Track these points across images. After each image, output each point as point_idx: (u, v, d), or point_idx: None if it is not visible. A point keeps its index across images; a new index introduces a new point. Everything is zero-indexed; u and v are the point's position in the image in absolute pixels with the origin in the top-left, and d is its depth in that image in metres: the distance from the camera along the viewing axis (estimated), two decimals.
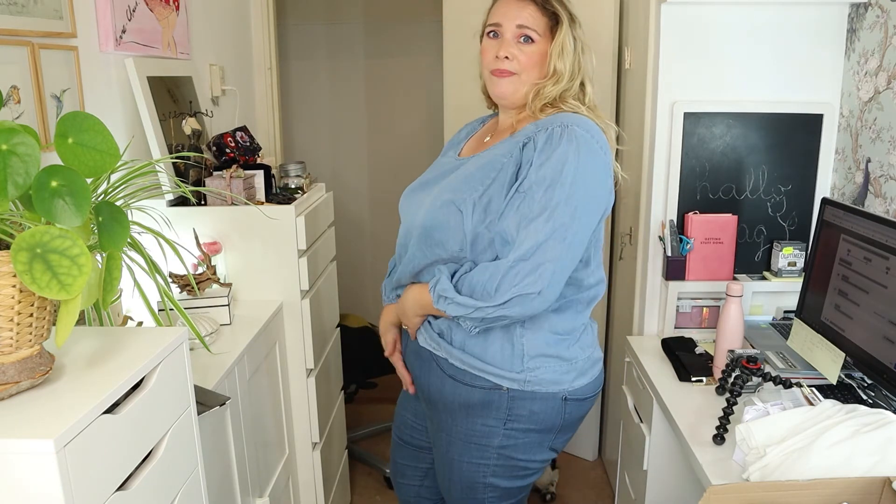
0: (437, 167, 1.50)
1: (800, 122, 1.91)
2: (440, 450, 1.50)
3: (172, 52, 2.07)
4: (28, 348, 0.92)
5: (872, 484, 1.11)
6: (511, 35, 1.32)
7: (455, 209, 1.30)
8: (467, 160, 1.41)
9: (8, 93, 1.37)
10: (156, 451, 1.04)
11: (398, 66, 3.70)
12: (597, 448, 2.86)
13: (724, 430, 1.41)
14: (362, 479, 2.74)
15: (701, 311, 1.98)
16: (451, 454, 1.46)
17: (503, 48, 1.32)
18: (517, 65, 1.32)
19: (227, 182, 1.84)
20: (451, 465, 1.47)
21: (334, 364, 2.35)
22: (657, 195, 1.97)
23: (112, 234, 0.94)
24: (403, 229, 1.47)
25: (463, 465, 1.45)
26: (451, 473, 1.48)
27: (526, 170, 1.27)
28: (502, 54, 1.32)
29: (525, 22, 1.31)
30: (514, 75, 1.33)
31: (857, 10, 1.84)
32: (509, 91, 1.35)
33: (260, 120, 2.91)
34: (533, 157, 1.26)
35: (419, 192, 1.45)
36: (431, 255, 1.35)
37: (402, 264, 1.45)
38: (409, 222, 1.43)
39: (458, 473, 1.46)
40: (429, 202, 1.37)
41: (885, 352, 1.43)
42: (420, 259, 1.38)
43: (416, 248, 1.38)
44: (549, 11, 1.32)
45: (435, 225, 1.33)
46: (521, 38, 1.32)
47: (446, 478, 1.50)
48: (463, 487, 1.47)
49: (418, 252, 1.38)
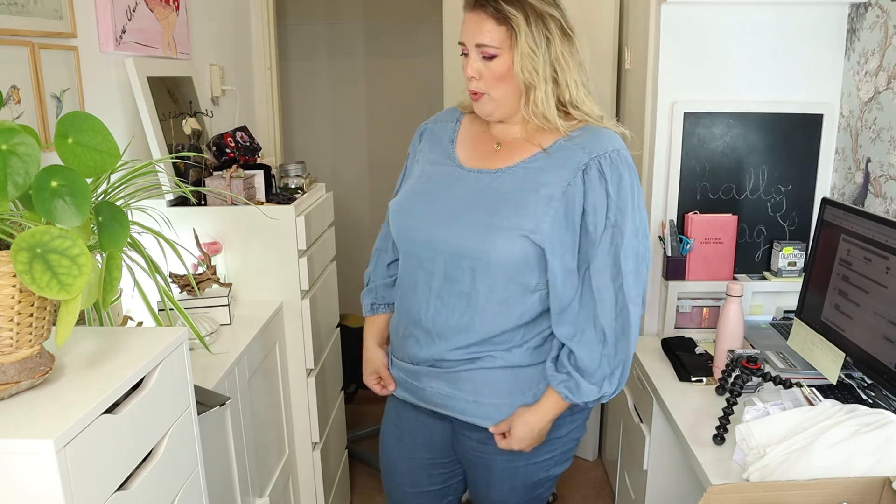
0: (440, 177, 1.37)
1: (800, 122, 1.91)
2: (495, 469, 1.42)
3: (172, 52, 2.07)
4: (28, 348, 0.92)
5: (872, 484, 1.11)
6: (474, 53, 1.26)
7: (530, 242, 1.25)
8: (493, 174, 1.32)
9: (8, 93, 1.37)
10: (156, 451, 1.04)
11: (398, 66, 3.70)
12: (597, 448, 2.86)
13: (724, 430, 1.41)
14: (362, 479, 2.74)
15: (701, 311, 1.98)
16: (515, 463, 1.40)
17: (470, 67, 1.27)
18: (484, 84, 1.27)
19: (227, 182, 1.84)
20: (514, 473, 1.41)
21: (334, 364, 2.35)
22: (657, 195, 1.97)
23: (112, 234, 0.93)
24: (424, 251, 1.33)
25: (529, 467, 1.40)
26: (513, 481, 1.42)
27: (595, 200, 1.24)
28: (469, 74, 1.28)
29: (482, 40, 1.24)
30: (485, 94, 1.29)
31: (857, 10, 1.84)
32: (488, 110, 1.31)
33: (260, 120, 2.91)
34: (598, 186, 1.24)
35: (441, 212, 1.32)
36: (502, 290, 1.28)
37: (448, 296, 1.31)
38: (439, 246, 1.31)
39: (521, 478, 1.42)
40: (482, 231, 1.26)
41: (885, 352, 1.43)
42: (484, 293, 1.28)
43: (478, 282, 1.28)
44: (505, 19, 1.22)
45: (511, 262, 1.26)
46: (483, 56, 1.26)
47: (506, 488, 1.43)
48: (526, 488, 1.43)
49: (483, 286, 1.28)
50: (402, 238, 1.38)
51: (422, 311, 1.35)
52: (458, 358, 1.34)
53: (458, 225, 1.29)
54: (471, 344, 1.33)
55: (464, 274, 1.29)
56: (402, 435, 1.51)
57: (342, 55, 3.71)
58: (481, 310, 1.30)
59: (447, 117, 1.45)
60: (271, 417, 1.85)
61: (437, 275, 1.32)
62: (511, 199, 1.27)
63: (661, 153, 1.94)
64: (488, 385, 1.34)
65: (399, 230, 1.38)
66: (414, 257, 1.35)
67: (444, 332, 1.33)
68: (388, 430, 1.55)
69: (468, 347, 1.33)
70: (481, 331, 1.31)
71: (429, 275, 1.33)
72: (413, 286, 1.36)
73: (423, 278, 1.34)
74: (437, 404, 1.40)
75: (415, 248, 1.35)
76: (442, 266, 1.31)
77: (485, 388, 1.34)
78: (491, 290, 1.28)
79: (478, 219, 1.28)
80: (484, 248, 1.26)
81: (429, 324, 1.34)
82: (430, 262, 1.32)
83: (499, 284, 1.28)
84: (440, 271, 1.31)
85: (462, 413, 1.38)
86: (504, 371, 1.34)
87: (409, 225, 1.36)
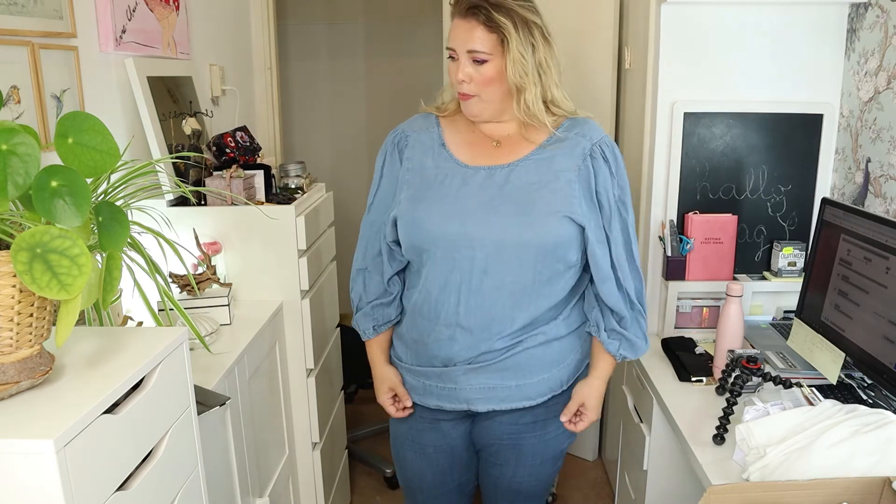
0: (446, 178, 1.40)
1: (800, 122, 1.91)
2: (525, 447, 1.51)
3: (172, 53, 2.07)
4: (28, 348, 0.92)
5: (872, 484, 1.11)
6: (465, 58, 1.33)
7: (572, 222, 1.36)
8: (506, 168, 1.38)
9: (8, 93, 1.37)
10: (156, 451, 1.04)
11: (398, 67, 3.70)
12: (597, 448, 2.86)
13: (724, 430, 1.41)
14: (362, 479, 2.74)
15: (701, 311, 1.98)
16: (546, 437, 1.51)
17: (460, 71, 1.34)
18: (475, 87, 1.34)
19: (227, 182, 1.84)
20: (544, 447, 1.52)
21: (334, 364, 2.35)
22: (657, 195, 1.97)
23: (112, 234, 0.93)
24: (458, 250, 1.36)
25: (556, 438, 1.52)
26: (543, 455, 1.53)
27: (604, 181, 1.38)
28: (460, 77, 1.34)
29: (474, 46, 1.31)
30: (475, 96, 1.36)
31: (857, 10, 1.84)
32: (476, 111, 1.39)
33: (260, 120, 2.91)
34: (604, 168, 1.37)
35: (468, 209, 1.36)
36: (549, 270, 1.37)
37: (489, 290, 1.36)
38: (479, 241, 1.35)
39: (552, 450, 1.53)
40: (525, 219, 1.34)
41: (885, 352, 1.43)
42: (531, 276, 1.37)
43: (525, 268, 1.36)
44: (496, 27, 1.30)
45: (559, 242, 1.35)
46: (474, 61, 1.33)
47: (537, 462, 1.53)
48: (554, 460, 1.56)
49: (530, 271, 1.36)
50: (427, 244, 1.38)
51: (460, 309, 1.38)
52: (503, 346, 1.40)
53: (495, 217, 1.35)
54: (516, 329, 1.40)
55: (508, 264, 1.35)
56: (424, 448, 1.56)
57: (342, 55, 3.71)
58: (528, 294, 1.38)
59: (425, 123, 1.48)
60: (271, 417, 1.85)
61: (476, 270, 1.36)
62: (540, 188, 1.36)
63: (661, 153, 1.94)
64: (531, 364, 1.43)
65: (422, 237, 1.38)
66: (446, 260, 1.37)
67: (487, 325, 1.38)
68: (405, 444, 1.59)
69: (513, 334, 1.40)
70: (528, 314, 1.39)
71: (466, 273, 1.36)
72: (444, 287, 1.39)
73: (458, 277, 1.37)
74: (472, 400, 1.45)
75: (447, 251, 1.37)
76: (483, 261, 1.35)
77: (528, 369, 1.43)
78: (539, 273, 1.37)
79: (516, 209, 1.35)
80: (531, 233, 1.34)
81: (470, 322, 1.38)
82: (468, 260, 1.36)
83: (546, 266, 1.37)
84: (480, 267, 1.36)
85: (502, 402, 1.45)
86: (545, 347, 1.43)
87: (433, 230, 1.37)
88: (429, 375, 1.47)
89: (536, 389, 1.45)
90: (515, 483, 1.55)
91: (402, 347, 1.51)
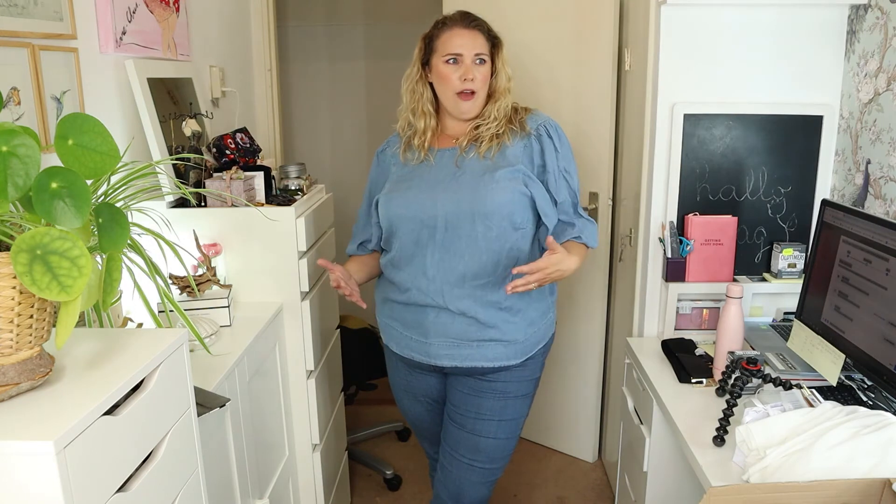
0: (417, 168, 1.70)
1: (800, 123, 1.91)
2: (494, 410, 1.71)
3: (172, 54, 2.07)
4: (28, 350, 0.92)
5: (872, 485, 1.11)
6: (470, 60, 1.64)
7: (523, 192, 1.62)
8: (466, 153, 1.68)
9: (8, 94, 1.37)
10: (156, 452, 1.04)
11: (398, 67, 3.66)
12: (597, 449, 2.86)
13: (724, 431, 1.41)
14: (362, 480, 2.74)
15: (701, 313, 1.98)
16: (515, 401, 1.73)
17: (468, 71, 1.63)
18: (477, 84, 1.65)
19: (227, 183, 1.84)
20: (508, 407, 1.72)
21: (334, 365, 2.35)
22: (657, 197, 1.97)
23: (112, 236, 0.94)
24: (424, 213, 1.63)
25: (523, 400, 1.75)
26: (507, 415, 1.72)
27: (551, 154, 1.66)
28: (470, 76, 1.63)
29: (480, 50, 1.65)
30: (475, 93, 1.65)
31: (856, 12, 1.84)
32: (473, 109, 1.67)
33: (260, 121, 2.91)
34: (551, 144, 1.66)
35: (433, 184, 1.65)
36: (505, 231, 1.62)
37: (465, 248, 1.62)
38: (455, 210, 1.61)
39: (514, 410, 1.73)
40: (485, 190, 1.60)
41: (885, 353, 1.43)
42: (496, 238, 1.61)
43: (489, 230, 1.60)
44: (490, 37, 1.68)
45: (514, 209, 1.61)
46: (477, 61, 1.64)
47: (500, 430, 1.72)
48: (518, 428, 1.77)
49: (493, 230, 1.60)
50: (398, 215, 1.66)
51: (427, 262, 1.64)
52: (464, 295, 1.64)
53: (454, 188, 1.63)
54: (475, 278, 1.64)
55: (498, 228, 1.61)
56: (416, 395, 1.84)
57: (342, 57, 3.71)
58: (479, 248, 1.62)
59: (396, 140, 1.80)
60: (271, 419, 1.85)
61: (439, 228, 1.62)
62: (493, 166, 1.63)
63: (660, 155, 1.94)
64: (492, 314, 1.65)
65: (395, 211, 1.66)
66: (415, 221, 1.64)
67: (447, 277, 1.63)
68: (401, 386, 1.86)
69: (472, 282, 1.63)
70: (481, 265, 1.63)
71: (431, 230, 1.63)
72: (415, 244, 1.65)
73: (427, 235, 1.63)
74: (441, 356, 1.69)
75: (417, 214, 1.63)
76: (443, 221, 1.62)
77: (490, 319, 1.65)
78: (488, 230, 1.60)
79: (471, 183, 1.62)
80: (494, 206, 1.60)
81: (433, 271, 1.64)
82: (431, 219, 1.63)
83: (493, 225, 1.61)
84: (441, 225, 1.62)
85: (469, 359, 1.67)
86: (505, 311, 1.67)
87: (405, 203, 1.65)
88: (408, 324, 1.72)
89: (511, 329, 1.67)
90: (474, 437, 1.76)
91: (391, 303, 1.75)
